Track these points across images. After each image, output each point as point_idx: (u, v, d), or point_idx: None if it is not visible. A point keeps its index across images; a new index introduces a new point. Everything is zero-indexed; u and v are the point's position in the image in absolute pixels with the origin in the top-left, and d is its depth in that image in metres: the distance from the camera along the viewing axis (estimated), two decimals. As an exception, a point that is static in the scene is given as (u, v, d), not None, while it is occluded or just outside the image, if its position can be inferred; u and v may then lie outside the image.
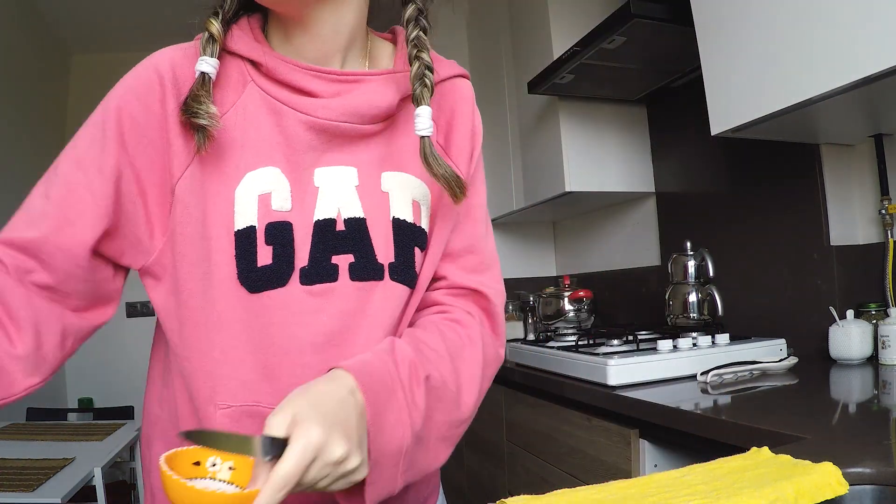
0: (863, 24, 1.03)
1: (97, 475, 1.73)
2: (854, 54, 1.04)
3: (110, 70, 4.20)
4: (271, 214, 0.62)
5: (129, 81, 0.63)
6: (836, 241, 1.54)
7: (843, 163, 1.57)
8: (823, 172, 1.55)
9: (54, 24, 3.23)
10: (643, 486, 0.65)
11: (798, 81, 1.16)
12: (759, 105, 1.26)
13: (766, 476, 0.63)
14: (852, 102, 1.17)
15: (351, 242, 0.65)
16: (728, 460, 0.71)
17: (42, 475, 1.63)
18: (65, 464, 1.75)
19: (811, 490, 0.60)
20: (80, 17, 3.20)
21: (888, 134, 1.48)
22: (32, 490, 1.52)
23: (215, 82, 0.63)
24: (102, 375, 3.43)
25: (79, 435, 2.17)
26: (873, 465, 0.72)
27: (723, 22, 1.35)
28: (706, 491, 0.60)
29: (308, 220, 0.64)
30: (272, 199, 0.62)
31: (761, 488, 0.59)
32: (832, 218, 1.55)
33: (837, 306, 1.47)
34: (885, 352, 1.35)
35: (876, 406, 1.03)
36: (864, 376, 1.29)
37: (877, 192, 1.51)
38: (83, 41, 3.47)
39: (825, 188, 1.55)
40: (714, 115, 1.38)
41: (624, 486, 0.65)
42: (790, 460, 0.68)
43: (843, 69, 1.06)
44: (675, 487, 0.63)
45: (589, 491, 0.64)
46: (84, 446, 2.01)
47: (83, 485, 1.66)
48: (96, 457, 1.86)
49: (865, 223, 1.55)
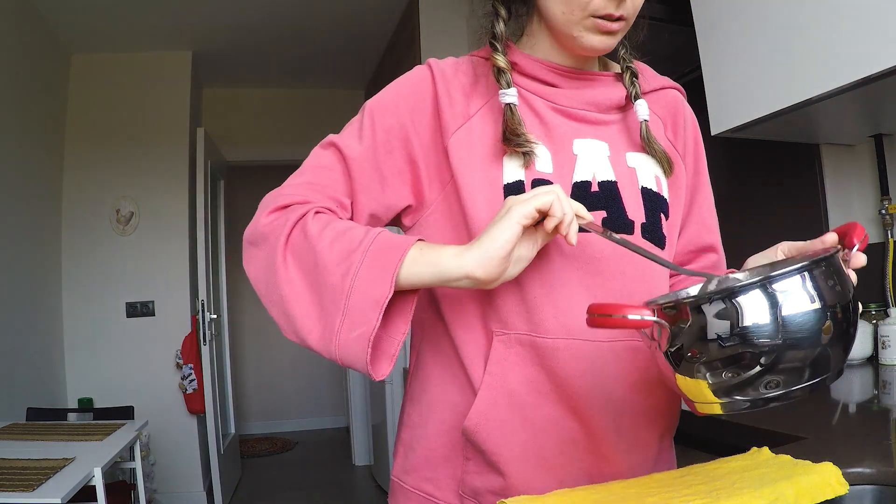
0: (863, 24, 1.03)
1: (97, 475, 1.73)
2: (854, 54, 1.04)
3: (110, 70, 4.18)
4: (535, 173, 0.74)
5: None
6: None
7: (843, 163, 1.57)
8: (823, 172, 1.55)
9: (54, 24, 3.22)
10: (643, 486, 0.65)
11: (798, 81, 1.16)
12: (759, 105, 1.26)
13: (766, 476, 0.63)
14: (852, 102, 1.17)
15: (604, 201, 0.75)
16: (728, 460, 0.71)
17: (42, 475, 1.63)
18: (65, 464, 1.75)
19: (811, 490, 0.60)
20: (80, 17, 3.19)
21: (888, 134, 1.48)
22: (32, 490, 1.52)
23: (478, 77, 0.79)
24: (102, 375, 3.42)
25: (79, 435, 2.17)
26: (873, 465, 0.72)
27: (723, 22, 1.35)
28: (706, 491, 0.60)
29: (567, 181, 0.75)
30: (535, 162, 0.74)
31: (761, 488, 0.58)
32: (832, 218, 1.55)
33: (837, 306, 1.47)
34: (885, 352, 1.35)
35: (876, 406, 1.03)
36: (864, 376, 1.29)
37: (877, 192, 1.51)
38: (83, 41, 3.47)
39: (825, 188, 1.55)
40: (714, 115, 1.38)
41: (624, 486, 0.65)
42: (790, 460, 0.68)
43: (843, 69, 1.06)
44: (675, 487, 0.63)
45: (589, 491, 0.64)
46: (84, 446, 2.01)
47: (83, 485, 1.66)
48: (96, 457, 1.85)
49: (865, 223, 1.55)
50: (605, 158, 0.77)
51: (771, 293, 0.52)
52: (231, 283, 4.55)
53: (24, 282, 3.00)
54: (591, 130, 0.79)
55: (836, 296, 0.54)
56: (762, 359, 0.52)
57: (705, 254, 0.89)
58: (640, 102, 0.79)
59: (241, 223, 4.42)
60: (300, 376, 5.69)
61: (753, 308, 0.52)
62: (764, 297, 0.52)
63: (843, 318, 0.53)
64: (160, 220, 3.61)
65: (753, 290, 0.52)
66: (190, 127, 3.71)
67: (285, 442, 5.19)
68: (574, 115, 0.78)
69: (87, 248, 3.51)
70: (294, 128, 4.50)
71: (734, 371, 0.53)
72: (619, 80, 0.82)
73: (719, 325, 0.52)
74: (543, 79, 0.79)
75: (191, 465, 3.56)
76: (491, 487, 0.74)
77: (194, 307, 3.61)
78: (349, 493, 3.92)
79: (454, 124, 0.76)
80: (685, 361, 0.55)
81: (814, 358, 0.53)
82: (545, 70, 0.79)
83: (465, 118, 0.77)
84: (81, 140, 3.53)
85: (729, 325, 0.52)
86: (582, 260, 0.74)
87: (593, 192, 0.75)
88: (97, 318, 3.48)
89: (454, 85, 0.78)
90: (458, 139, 0.76)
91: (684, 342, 0.54)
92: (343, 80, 4.40)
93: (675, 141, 0.85)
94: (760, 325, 0.52)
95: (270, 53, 3.91)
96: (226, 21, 3.41)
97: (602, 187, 0.76)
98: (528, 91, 0.79)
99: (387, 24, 3.56)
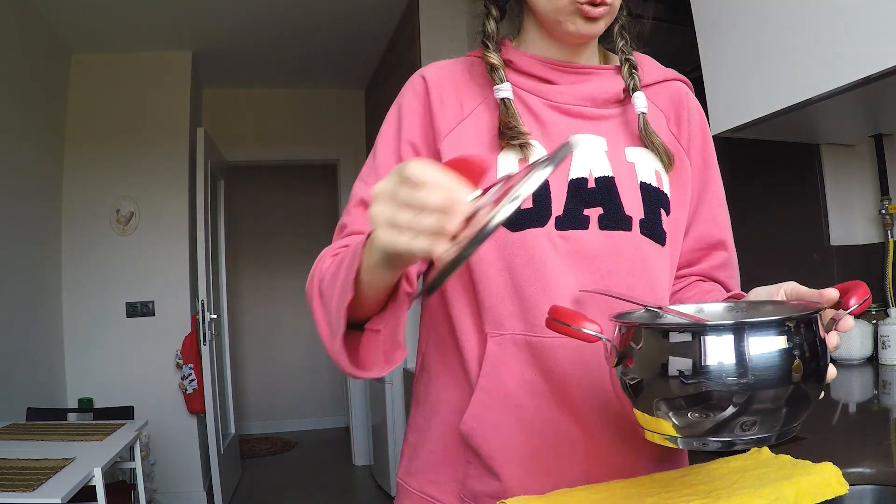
0: (863, 24, 1.03)
1: (97, 475, 1.72)
2: (854, 54, 1.04)
3: (110, 70, 4.17)
4: None
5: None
6: (836, 241, 1.54)
7: (843, 163, 1.57)
8: (823, 172, 1.55)
9: (54, 24, 3.22)
10: (643, 486, 0.65)
11: (798, 81, 1.15)
12: (759, 105, 1.26)
13: (766, 476, 0.63)
14: (852, 102, 1.17)
15: (600, 197, 0.75)
16: (728, 460, 0.71)
17: (42, 475, 1.63)
18: (65, 464, 1.74)
19: (811, 490, 0.60)
20: (80, 17, 3.19)
21: (888, 134, 1.48)
22: (32, 490, 1.52)
23: (473, 76, 0.80)
24: (102, 375, 3.42)
25: (79, 435, 2.17)
26: (873, 465, 0.72)
27: (723, 22, 1.35)
28: (706, 491, 0.60)
29: (563, 178, 0.75)
30: (530, 159, 0.74)
31: (761, 488, 0.58)
32: (832, 218, 1.55)
33: (837, 306, 1.47)
34: (885, 352, 1.35)
35: (876, 406, 1.03)
36: (864, 376, 1.29)
37: (877, 192, 1.51)
38: (83, 41, 3.47)
39: (825, 188, 1.55)
40: (714, 114, 1.38)
41: (624, 486, 0.65)
42: (790, 460, 0.68)
43: (843, 69, 1.06)
44: (675, 487, 0.63)
45: (589, 491, 0.64)
46: (84, 446, 2.01)
47: (83, 485, 1.66)
48: (96, 457, 1.85)
49: (865, 223, 1.55)
50: (603, 154, 0.77)
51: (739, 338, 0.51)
52: (231, 283, 4.55)
53: (24, 282, 3.00)
54: (588, 126, 0.78)
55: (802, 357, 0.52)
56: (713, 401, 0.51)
57: (715, 251, 0.87)
58: (638, 95, 0.79)
59: (241, 223, 4.46)
60: (300, 376, 5.69)
61: (719, 348, 0.51)
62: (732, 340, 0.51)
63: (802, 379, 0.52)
64: (160, 220, 3.61)
65: (725, 332, 0.51)
66: (190, 127, 3.71)
67: (285, 442, 5.19)
68: (570, 112, 0.78)
69: (87, 248, 3.51)
70: (294, 128, 4.50)
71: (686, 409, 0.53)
72: (618, 73, 0.82)
73: (680, 361, 0.52)
74: (538, 75, 0.79)
75: (191, 465, 3.56)
76: (489, 491, 0.74)
77: (194, 307, 3.60)
78: (349, 493, 3.92)
79: (446, 127, 0.77)
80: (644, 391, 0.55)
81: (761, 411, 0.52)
82: (539, 65, 0.79)
83: (459, 120, 0.78)
84: (81, 140, 3.53)
85: (690, 362, 0.51)
86: (577, 258, 0.73)
87: (590, 188, 0.75)
88: (97, 318, 3.48)
89: (447, 89, 0.79)
90: (450, 141, 0.77)
91: (641, 368, 0.54)
92: (343, 80, 4.40)
93: (679, 134, 0.84)
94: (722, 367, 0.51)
95: (270, 53, 3.90)
96: (226, 21, 3.41)
97: (598, 183, 0.75)
98: (524, 89, 0.79)
99: (387, 24, 3.56)
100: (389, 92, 3.81)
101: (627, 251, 0.75)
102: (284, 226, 5.77)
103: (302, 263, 5.77)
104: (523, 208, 0.71)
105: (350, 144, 4.54)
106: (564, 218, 0.73)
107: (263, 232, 5.73)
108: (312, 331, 3.48)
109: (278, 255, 5.75)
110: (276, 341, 5.70)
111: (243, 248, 5.60)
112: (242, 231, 5.58)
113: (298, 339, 5.70)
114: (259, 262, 5.70)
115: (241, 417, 5.17)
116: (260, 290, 5.70)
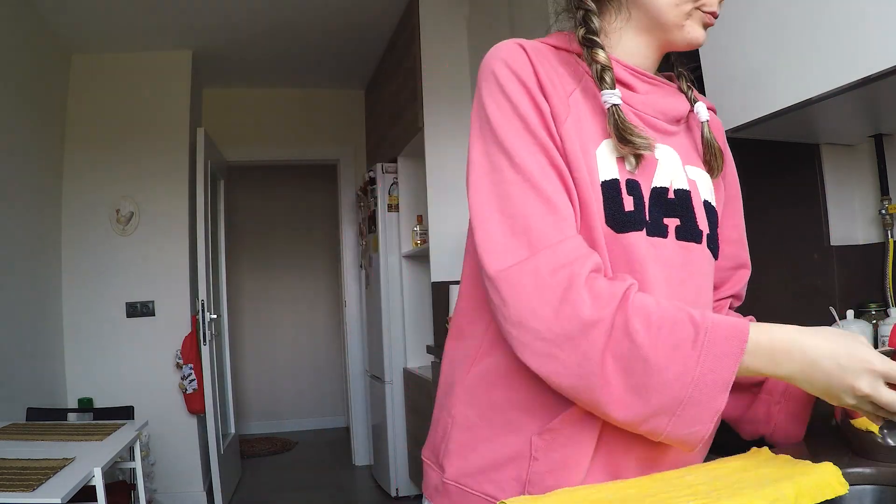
0: (863, 24, 1.02)
1: (97, 475, 1.73)
2: (854, 54, 1.04)
3: (110, 70, 4.19)
4: (626, 174, 0.74)
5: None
6: (836, 241, 1.54)
7: (843, 163, 1.57)
8: (823, 172, 1.55)
9: (54, 24, 3.22)
10: (643, 486, 0.65)
11: (798, 81, 1.15)
12: (758, 105, 1.26)
13: (767, 476, 0.63)
14: (852, 102, 1.17)
15: (679, 209, 0.77)
16: (728, 460, 0.71)
17: (42, 475, 1.63)
18: (65, 464, 1.74)
19: (811, 490, 0.60)
20: (80, 18, 3.19)
21: (888, 134, 1.47)
22: (32, 490, 1.52)
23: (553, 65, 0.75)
24: (102, 375, 3.42)
25: (79, 435, 2.17)
26: (873, 465, 0.72)
27: (723, 22, 1.34)
28: (706, 491, 0.60)
29: (647, 184, 0.75)
30: (625, 162, 0.74)
31: (761, 488, 0.58)
32: (832, 218, 1.55)
33: (837, 306, 1.47)
34: (885, 352, 1.35)
35: (876, 406, 1.02)
36: (864, 376, 1.28)
37: (877, 192, 1.51)
38: (83, 41, 3.47)
39: (825, 188, 1.55)
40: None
41: (624, 486, 0.65)
42: (790, 460, 0.68)
43: (843, 69, 1.06)
44: (675, 487, 0.63)
45: (589, 491, 0.64)
46: (84, 446, 2.01)
47: (83, 485, 1.66)
48: (96, 457, 1.85)
49: (865, 223, 1.55)
50: (680, 167, 0.79)
51: None
52: (231, 283, 4.55)
53: (25, 282, 3.00)
54: (662, 139, 0.78)
55: None
56: None
57: (740, 270, 0.91)
58: (700, 105, 0.82)
59: (241, 223, 4.47)
60: (300, 376, 5.69)
61: None
62: None
63: None
64: (160, 220, 3.61)
65: None
66: (190, 127, 3.71)
67: (285, 442, 5.19)
68: (648, 122, 0.78)
69: (87, 248, 3.51)
70: (294, 128, 4.51)
71: None
72: (678, 90, 0.84)
73: None
74: (623, 80, 0.77)
75: (191, 465, 3.56)
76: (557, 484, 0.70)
77: (194, 307, 3.61)
78: (349, 493, 3.92)
79: (563, 112, 0.72)
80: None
81: None
82: (625, 72, 0.78)
83: (567, 108, 0.73)
84: (81, 140, 3.53)
85: None
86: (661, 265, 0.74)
87: (669, 198, 0.76)
88: (97, 317, 3.49)
89: (547, 68, 0.74)
90: (568, 128, 0.72)
91: None
92: (343, 80, 4.40)
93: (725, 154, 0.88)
94: None
95: (270, 53, 3.91)
96: (226, 21, 3.41)
97: (677, 195, 0.77)
98: None
99: (387, 24, 3.56)
100: (389, 92, 3.81)
101: (696, 263, 0.77)
102: (284, 226, 5.78)
103: (302, 263, 5.80)
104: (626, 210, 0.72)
105: (350, 144, 4.55)
106: (652, 225, 0.74)
107: (263, 232, 5.74)
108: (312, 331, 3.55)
109: (278, 255, 5.75)
110: (276, 341, 5.70)
111: (243, 248, 5.61)
112: (242, 231, 5.59)
113: (298, 339, 5.71)
114: (259, 262, 5.71)
115: (241, 417, 5.17)
116: (260, 290, 5.70)
